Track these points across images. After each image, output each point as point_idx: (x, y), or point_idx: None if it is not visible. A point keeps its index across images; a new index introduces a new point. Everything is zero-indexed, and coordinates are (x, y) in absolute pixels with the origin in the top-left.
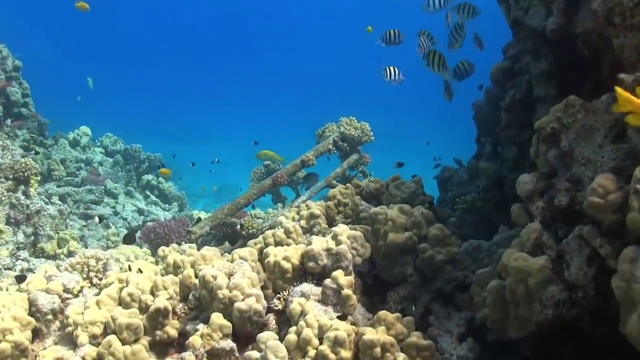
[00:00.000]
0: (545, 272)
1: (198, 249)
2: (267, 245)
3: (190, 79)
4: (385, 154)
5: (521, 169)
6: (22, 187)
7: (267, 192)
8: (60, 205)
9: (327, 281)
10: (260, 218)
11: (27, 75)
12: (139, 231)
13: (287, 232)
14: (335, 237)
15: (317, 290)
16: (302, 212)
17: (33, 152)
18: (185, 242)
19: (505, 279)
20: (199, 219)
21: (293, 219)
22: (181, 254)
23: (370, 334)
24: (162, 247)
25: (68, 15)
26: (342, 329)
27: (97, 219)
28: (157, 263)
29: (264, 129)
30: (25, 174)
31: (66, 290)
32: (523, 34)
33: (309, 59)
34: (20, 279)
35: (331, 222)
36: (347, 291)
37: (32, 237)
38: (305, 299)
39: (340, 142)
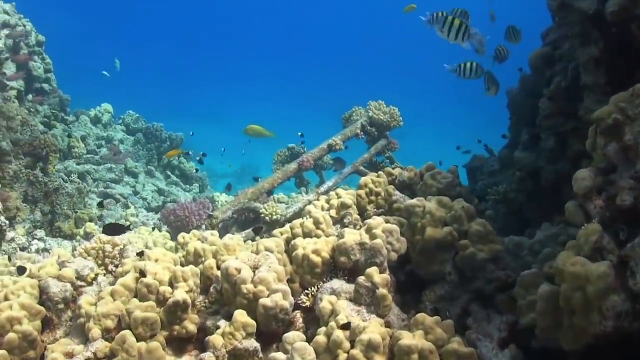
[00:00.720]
0: (607, 280)
1: (220, 235)
2: (294, 235)
3: (214, 57)
4: (403, 140)
5: (559, 160)
6: (41, 163)
7: (292, 176)
8: (79, 183)
9: (361, 279)
10: (284, 202)
11: (50, 50)
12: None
13: (317, 223)
14: (369, 230)
15: (349, 287)
16: (332, 201)
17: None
18: (206, 227)
19: (558, 284)
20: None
21: (322, 208)
22: (202, 242)
23: (407, 339)
24: (183, 234)
25: None
26: (376, 332)
27: (110, 200)
28: (176, 250)
29: (287, 110)
30: (44, 150)
31: (79, 277)
32: (571, 18)
33: (333, 41)
34: (21, 270)
35: (362, 212)
36: (382, 290)
37: (50, 216)
38: (335, 297)
39: (369, 127)
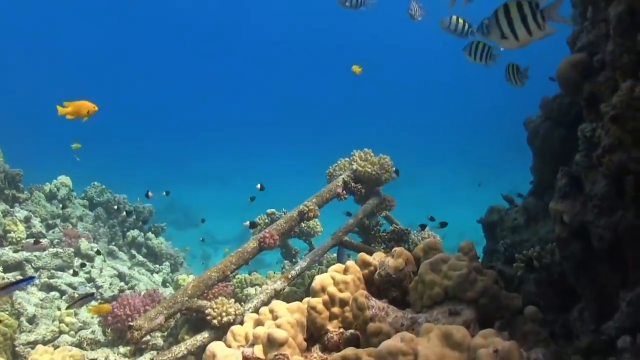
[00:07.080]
0: None
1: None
2: None
3: (175, 114)
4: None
5: (616, 210)
6: None
7: (251, 258)
8: (3, 279)
9: None
10: (257, 285)
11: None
12: None
13: None
14: None
15: None
16: (258, 330)
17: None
18: (129, 342)
19: None
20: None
21: (246, 338)
22: None
23: None
24: None
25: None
26: None
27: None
28: None
29: (274, 169)
30: None
31: None
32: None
33: (315, 89)
34: None
35: (320, 336)
36: None
37: None
38: None
39: (353, 183)
